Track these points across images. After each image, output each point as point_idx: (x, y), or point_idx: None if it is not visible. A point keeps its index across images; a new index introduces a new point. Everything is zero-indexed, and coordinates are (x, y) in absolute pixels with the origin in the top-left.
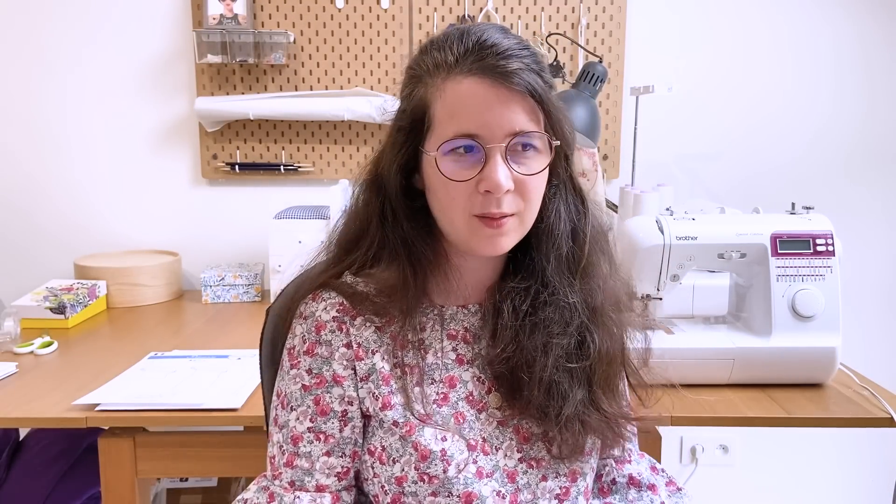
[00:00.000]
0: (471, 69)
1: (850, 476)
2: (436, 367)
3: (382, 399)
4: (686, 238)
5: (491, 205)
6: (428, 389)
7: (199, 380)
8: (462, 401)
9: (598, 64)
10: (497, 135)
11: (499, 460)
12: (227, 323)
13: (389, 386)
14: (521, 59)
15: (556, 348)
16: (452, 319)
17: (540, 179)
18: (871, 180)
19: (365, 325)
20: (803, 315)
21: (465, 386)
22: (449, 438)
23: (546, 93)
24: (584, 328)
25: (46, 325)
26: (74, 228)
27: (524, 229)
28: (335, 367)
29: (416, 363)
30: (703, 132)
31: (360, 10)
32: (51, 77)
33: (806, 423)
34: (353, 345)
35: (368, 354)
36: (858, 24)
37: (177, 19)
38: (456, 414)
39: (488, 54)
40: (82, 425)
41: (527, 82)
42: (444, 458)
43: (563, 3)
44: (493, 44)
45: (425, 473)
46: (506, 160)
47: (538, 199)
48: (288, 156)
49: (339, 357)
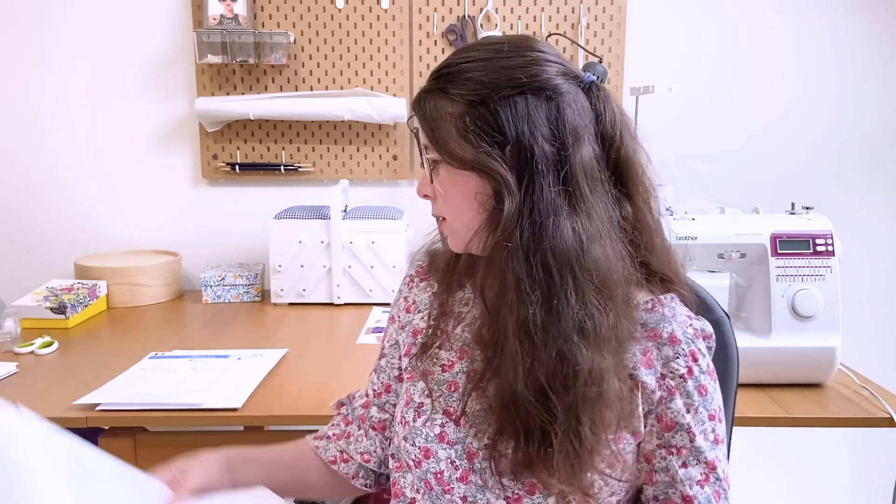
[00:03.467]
0: None
1: (849, 476)
2: (459, 338)
3: (406, 347)
4: (686, 238)
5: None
6: (443, 354)
7: (199, 380)
8: (463, 373)
9: (598, 64)
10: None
11: (466, 436)
12: (228, 323)
13: (415, 339)
14: (439, 80)
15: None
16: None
17: (453, 191)
18: (870, 180)
19: (427, 288)
20: (803, 315)
21: (473, 363)
22: (433, 396)
23: (441, 114)
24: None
25: (47, 325)
26: (75, 228)
27: (461, 234)
28: (395, 310)
29: (446, 329)
30: (704, 132)
31: (360, 10)
32: (51, 77)
33: (806, 423)
34: (411, 300)
35: (414, 311)
36: (859, 23)
37: (177, 19)
38: (451, 382)
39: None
40: (82, 425)
41: (420, 106)
42: (418, 410)
43: (563, 3)
44: (442, 64)
45: (403, 417)
46: (429, 170)
47: (460, 209)
48: (288, 156)
49: (397, 305)
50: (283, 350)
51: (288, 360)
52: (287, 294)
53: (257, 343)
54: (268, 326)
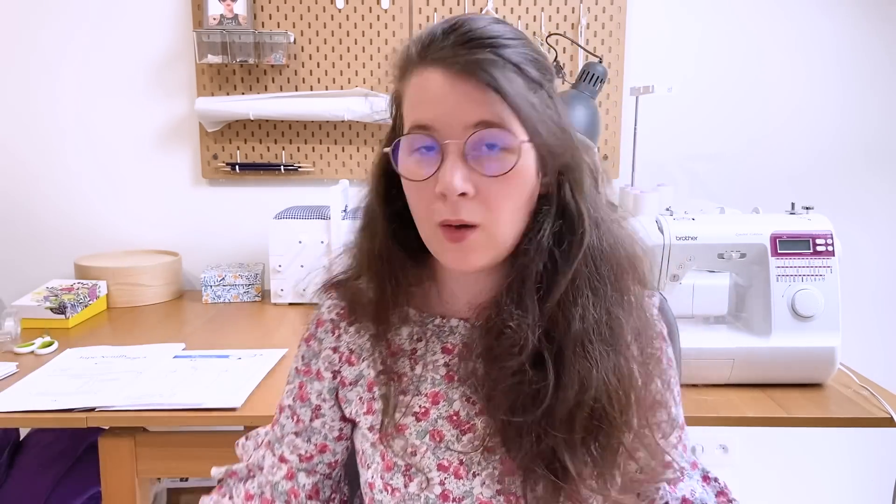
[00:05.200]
0: (434, 60)
1: (849, 476)
2: (423, 379)
3: (366, 404)
4: (686, 238)
5: (448, 210)
6: (412, 401)
7: (199, 380)
8: (443, 419)
9: (597, 64)
10: (454, 130)
11: (474, 487)
12: (228, 323)
13: (372, 392)
14: (494, 50)
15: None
16: (451, 333)
17: (508, 185)
18: (870, 180)
19: (360, 331)
20: (803, 315)
21: (451, 405)
22: (419, 453)
23: (519, 88)
24: (539, 360)
25: (47, 324)
26: (75, 228)
27: (496, 245)
28: (320, 364)
29: (404, 372)
30: (703, 132)
31: (360, 10)
32: (51, 77)
33: (806, 422)
34: (344, 349)
35: (359, 361)
36: (859, 22)
37: (177, 19)
38: (433, 431)
39: (454, 43)
40: (82, 425)
41: (490, 75)
42: (407, 474)
43: (563, 3)
44: (465, 31)
45: (388, 484)
46: (464, 159)
47: (509, 211)
48: (288, 156)
49: (324, 357)
50: (283, 350)
51: (288, 360)
52: (287, 294)
53: (257, 343)
54: (268, 326)
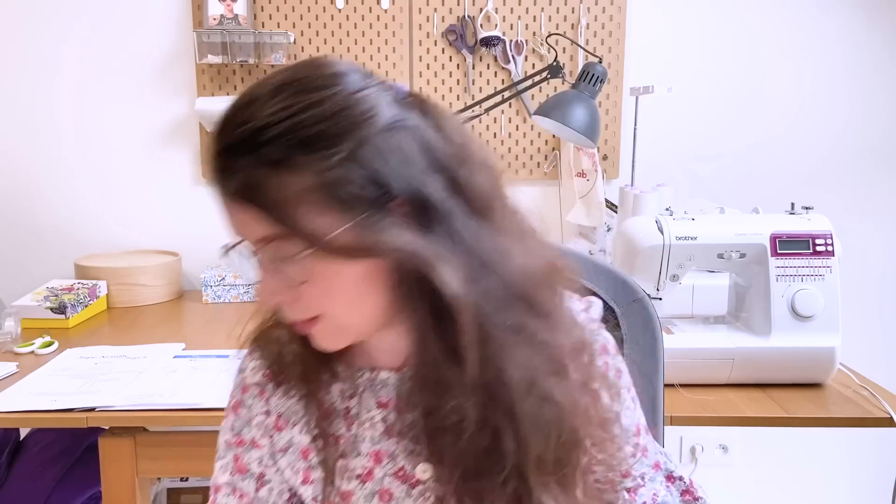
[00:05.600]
0: (211, 178)
1: (849, 476)
2: (362, 439)
3: (302, 473)
4: (686, 238)
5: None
6: (353, 463)
7: (199, 380)
8: (390, 476)
9: (597, 64)
10: (251, 245)
11: None
12: (228, 323)
13: (308, 461)
14: (254, 154)
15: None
16: (384, 385)
17: (324, 284)
18: (870, 180)
19: (289, 392)
20: (803, 315)
21: (395, 461)
22: None
23: (287, 192)
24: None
25: (47, 324)
26: (75, 228)
27: (347, 330)
28: (254, 431)
29: (340, 434)
30: (703, 132)
31: (360, 11)
32: (51, 77)
33: (805, 422)
34: (273, 414)
35: (289, 426)
36: (859, 22)
37: (177, 20)
38: (381, 491)
39: (217, 152)
40: (82, 425)
41: (251, 194)
42: None
43: (563, 3)
44: (226, 131)
45: None
46: (275, 273)
47: (343, 304)
48: None
49: (257, 423)
50: None
51: None
52: None
53: None
54: None
